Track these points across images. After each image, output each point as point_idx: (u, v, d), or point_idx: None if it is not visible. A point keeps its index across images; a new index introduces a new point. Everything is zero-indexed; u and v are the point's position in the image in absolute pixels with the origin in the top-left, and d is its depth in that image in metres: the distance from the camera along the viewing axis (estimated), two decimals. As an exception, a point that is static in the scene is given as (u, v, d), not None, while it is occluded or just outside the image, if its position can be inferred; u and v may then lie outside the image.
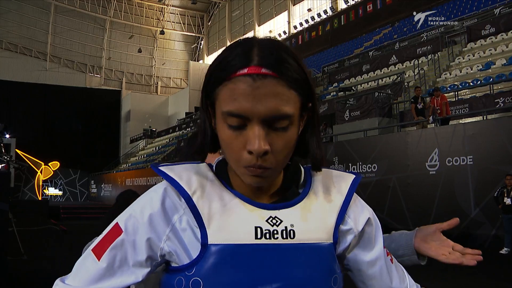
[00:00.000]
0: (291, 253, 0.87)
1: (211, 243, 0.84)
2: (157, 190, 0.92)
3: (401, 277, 1.06)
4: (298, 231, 0.89)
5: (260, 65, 0.81)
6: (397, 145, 12.56)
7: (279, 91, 0.81)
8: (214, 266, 0.84)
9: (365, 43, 28.62)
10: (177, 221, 0.88)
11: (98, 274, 0.88)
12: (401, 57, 21.63)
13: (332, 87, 24.09)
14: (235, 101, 0.80)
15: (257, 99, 0.80)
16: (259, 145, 0.80)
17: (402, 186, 12.05)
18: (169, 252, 0.88)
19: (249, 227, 0.86)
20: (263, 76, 0.80)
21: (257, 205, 0.89)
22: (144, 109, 44.84)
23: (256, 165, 0.83)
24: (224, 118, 0.83)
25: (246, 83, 0.80)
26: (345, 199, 0.96)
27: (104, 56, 47.69)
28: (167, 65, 51.53)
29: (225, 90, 0.82)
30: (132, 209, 0.92)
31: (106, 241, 0.90)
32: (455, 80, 17.05)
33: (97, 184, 37.43)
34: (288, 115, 0.82)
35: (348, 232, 0.96)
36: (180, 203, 0.89)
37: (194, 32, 52.22)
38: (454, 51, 19.15)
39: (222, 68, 0.83)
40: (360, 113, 16.12)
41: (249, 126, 0.82)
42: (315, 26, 36.47)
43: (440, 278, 7.35)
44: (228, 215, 0.87)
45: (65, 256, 9.58)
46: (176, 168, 0.92)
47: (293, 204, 0.91)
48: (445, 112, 12.60)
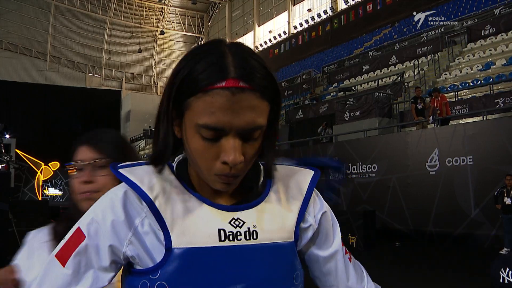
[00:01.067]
0: (254, 253, 0.88)
1: (175, 246, 0.84)
2: (117, 193, 0.90)
3: (359, 276, 1.06)
4: (261, 231, 0.89)
5: (237, 77, 0.80)
6: (397, 145, 12.56)
7: (255, 104, 0.81)
8: (178, 269, 0.84)
9: (365, 43, 28.61)
10: (139, 224, 0.87)
11: (65, 281, 0.87)
12: (401, 57, 21.63)
13: (332, 87, 24.09)
14: (213, 114, 0.79)
15: (235, 113, 0.79)
16: (234, 157, 0.81)
17: (402, 186, 12.05)
18: (131, 256, 0.87)
19: (213, 230, 0.86)
20: (241, 90, 0.79)
21: (219, 207, 0.90)
22: (144, 109, 44.78)
23: (229, 174, 0.83)
24: (197, 129, 0.82)
25: (224, 97, 0.79)
26: (305, 196, 0.97)
27: (104, 56, 47.68)
28: (167, 65, 51.50)
29: (200, 102, 0.80)
30: (93, 212, 0.90)
31: (69, 246, 0.89)
32: (455, 80, 17.05)
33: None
34: (261, 126, 0.83)
35: (308, 229, 0.98)
36: (141, 206, 0.88)
37: (194, 32, 52.22)
38: (454, 51, 19.15)
39: (194, 78, 0.81)
40: (360, 113, 16.12)
41: (225, 138, 0.82)
42: (315, 26, 36.46)
43: (441, 280, 7.36)
44: (191, 218, 0.87)
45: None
46: (136, 171, 0.91)
47: (254, 204, 0.92)
48: (445, 112, 12.59)
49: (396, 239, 11.31)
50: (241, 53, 0.83)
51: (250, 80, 0.80)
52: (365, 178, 12.99)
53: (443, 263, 8.80)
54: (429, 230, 11.20)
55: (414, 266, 8.66)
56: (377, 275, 1.10)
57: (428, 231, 11.21)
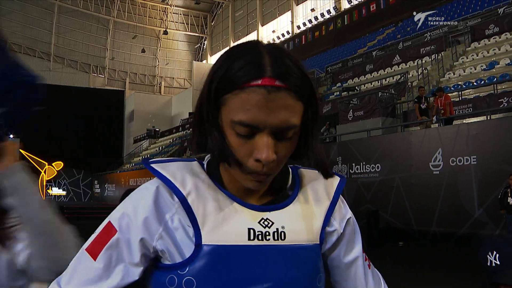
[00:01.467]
0: (281, 254, 0.89)
1: (205, 243, 0.86)
2: (149, 187, 0.92)
3: (377, 283, 1.08)
4: (289, 232, 0.91)
5: (274, 76, 0.81)
6: (400, 145, 12.54)
7: (290, 103, 0.82)
8: (207, 266, 0.85)
9: (369, 43, 28.59)
10: (169, 219, 0.89)
11: (96, 275, 0.88)
12: (404, 57, 21.59)
13: (336, 87, 24.06)
14: (248, 111, 0.81)
15: (270, 111, 0.81)
16: (267, 155, 0.82)
17: (405, 186, 12.03)
18: (161, 250, 0.89)
19: (243, 229, 0.88)
20: (277, 89, 0.81)
21: (249, 207, 0.91)
22: (147, 109, 44.88)
23: (261, 172, 0.85)
24: (232, 126, 0.83)
25: (260, 95, 0.80)
26: (332, 201, 0.99)
27: (107, 56, 47.79)
28: (171, 65, 51.61)
29: (236, 99, 0.82)
30: (124, 207, 0.92)
31: (100, 240, 0.90)
32: (458, 80, 17.01)
33: (100, 184, 37.49)
34: (295, 125, 0.84)
35: (333, 233, 0.99)
36: (172, 202, 0.89)
37: (197, 32, 52.29)
38: (457, 50, 19.11)
39: (232, 75, 0.82)
40: (363, 113, 16.10)
41: (258, 135, 0.83)
42: (319, 26, 36.46)
43: (444, 279, 7.35)
44: (221, 216, 0.88)
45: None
46: (169, 167, 0.92)
47: (283, 206, 0.94)
48: (448, 112, 12.57)
49: (399, 239, 11.30)
50: (278, 53, 0.85)
51: (286, 80, 0.82)
52: (369, 178, 12.98)
53: (446, 263, 8.79)
54: (432, 230, 11.18)
55: (418, 266, 8.65)
56: (381, 275, 1.10)
57: (431, 231, 11.19)
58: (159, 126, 42.70)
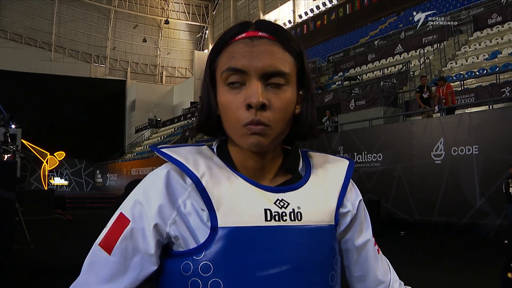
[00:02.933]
0: (299, 234, 0.89)
1: (221, 226, 0.85)
2: (159, 173, 0.91)
3: (385, 269, 1.08)
4: (305, 213, 0.91)
5: (257, 29, 0.90)
6: (402, 134, 12.53)
7: (274, 50, 0.88)
8: (224, 249, 0.84)
9: (371, 32, 28.46)
10: (181, 204, 0.88)
11: (113, 269, 0.87)
12: (406, 46, 21.51)
13: (337, 77, 24.01)
14: (233, 58, 0.87)
15: (254, 55, 0.86)
16: (257, 98, 0.84)
17: (407, 175, 12.04)
18: (175, 236, 0.88)
19: (259, 210, 0.87)
20: (259, 38, 0.88)
21: (264, 188, 0.91)
22: (149, 98, 44.85)
23: (254, 121, 0.85)
24: (224, 79, 0.88)
25: (243, 43, 0.88)
26: (344, 182, 1.00)
27: (109, 46, 47.65)
28: (172, 54, 51.46)
29: (225, 54, 0.89)
30: (135, 196, 0.91)
31: (113, 233, 0.89)
32: (461, 69, 16.96)
33: (102, 174, 37.55)
34: (283, 72, 0.87)
35: (347, 215, 1.00)
36: (185, 186, 0.89)
37: (199, 21, 52.09)
38: (460, 40, 19.03)
39: (221, 40, 0.91)
40: (365, 103, 16.07)
41: (248, 83, 0.86)
42: (320, 15, 36.29)
43: (446, 269, 7.38)
44: (237, 198, 0.87)
45: (71, 245, 9.64)
46: (180, 150, 0.92)
47: (297, 187, 0.94)
48: (450, 101, 12.54)
49: (401, 229, 11.33)
50: (267, 20, 0.93)
51: (269, 32, 0.90)
52: (370, 167, 12.98)
53: (448, 253, 8.82)
54: (434, 219, 11.19)
55: (419, 255, 8.68)
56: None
57: (433, 221, 11.21)
58: (160, 116, 42.67)
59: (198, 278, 0.84)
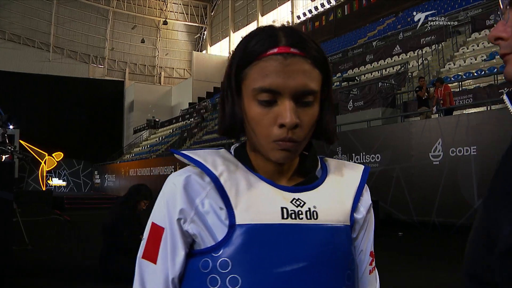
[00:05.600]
0: (314, 233, 0.91)
1: (239, 223, 0.87)
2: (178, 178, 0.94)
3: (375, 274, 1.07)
4: (320, 212, 0.93)
5: (289, 45, 0.88)
6: (400, 135, 12.54)
7: (306, 69, 0.88)
8: (242, 246, 0.86)
9: (369, 33, 28.50)
10: (199, 204, 0.90)
11: (164, 275, 0.91)
12: (405, 47, 21.54)
13: (336, 77, 23.99)
14: (267, 77, 0.86)
15: (288, 75, 0.86)
16: (291, 118, 0.86)
17: (405, 176, 12.04)
18: (193, 234, 0.90)
19: (276, 208, 0.90)
20: (292, 55, 0.87)
21: (281, 188, 0.94)
22: (147, 99, 44.85)
23: (286, 138, 0.87)
24: (254, 95, 0.88)
25: (277, 61, 0.87)
26: (359, 187, 1.01)
27: (107, 46, 47.67)
28: (170, 55, 51.49)
29: (256, 68, 0.88)
30: (160, 203, 0.94)
31: (152, 243, 0.93)
32: (459, 70, 16.98)
33: (100, 174, 37.49)
34: (314, 91, 0.89)
35: (360, 219, 1.01)
36: (203, 185, 0.92)
37: (197, 22, 52.13)
38: (458, 41, 19.06)
39: (250, 51, 0.89)
40: (363, 103, 16.09)
41: (280, 101, 0.87)
42: (319, 16, 36.34)
43: (444, 270, 7.38)
44: (254, 196, 0.90)
45: (69, 246, 9.63)
46: (199, 152, 0.96)
47: (313, 187, 0.96)
48: (448, 102, 12.55)
49: (399, 229, 11.33)
50: (291, 29, 0.93)
51: (301, 48, 0.89)
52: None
53: (446, 253, 8.82)
54: (432, 220, 11.20)
55: (417, 256, 8.68)
56: (380, 265, 1.11)
57: (431, 221, 11.21)
58: (159, 117, 42.67)
59: (217, 274, 0.86)
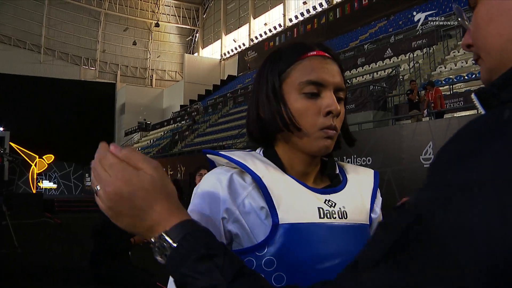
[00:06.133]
0: (346, 231, 0.98)
1: (282, 222, 0.91)
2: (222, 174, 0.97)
3: None
4: (349, 212, 1.00)
5: (323, 50, 1.01)
6: (391, 138, 12.58)
7: (337, 70, 1.01)
8: (285, 244, 0.90)
9: (360, 36, 28.58)
10: (240, 204, 0.94)
11: None
12: (396, 50, 21.61)
13: (327, 80, 24.06)
14: (313, 71, 0.97)
15: (329, 71, 0.99)
16: (336, 106, 0.96)
17: (396, 179, 12.07)
18: (235, 233, 0.94)
19: (313, 208, 0.96)
20: (327, 57, 1.01)
21: (312, 189, 1.00)
22: (138, 102, 44.75)
23: (332, 126, 0.97)
24: (300, 88, 0.97)
25: (318, 60, 0.99)
26: (373, 189, 1.10)
27: (98, 48, 47.53)
28: (162, 57, 51.43)
29: (300, 66, 0.99)
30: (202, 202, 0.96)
31: None
32: (450, 73, 17.07)
33: (91, 177, 37.31)
34: (344, 89, 1.02)
35: (375, 218, 1.09)
36: (245, 185, 0.96)
37: (189, 25, 52.09)
38: (449, 44, 19.16)
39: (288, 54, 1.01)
40: (355, 106, 16.12)
41: (324, 93, 0.97)
42: (311, 19, 36.42)
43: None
44: (293, 196, 0.95)
45: (59, 249, 9.57)
46: (236, 153, 1.00)
47: (339, 189, 1.03)
48: (439, 105, 12.61)
49: (390, 232, 11.36)
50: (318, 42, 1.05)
51: (331, 54, 1.03)
52: (360, 171, 13.00)
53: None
54: (423, 223, 11.24)
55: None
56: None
57: (422, 224, 11.25)
58: (150, 119, 42.58)
59: (262, 273, 0.87)
